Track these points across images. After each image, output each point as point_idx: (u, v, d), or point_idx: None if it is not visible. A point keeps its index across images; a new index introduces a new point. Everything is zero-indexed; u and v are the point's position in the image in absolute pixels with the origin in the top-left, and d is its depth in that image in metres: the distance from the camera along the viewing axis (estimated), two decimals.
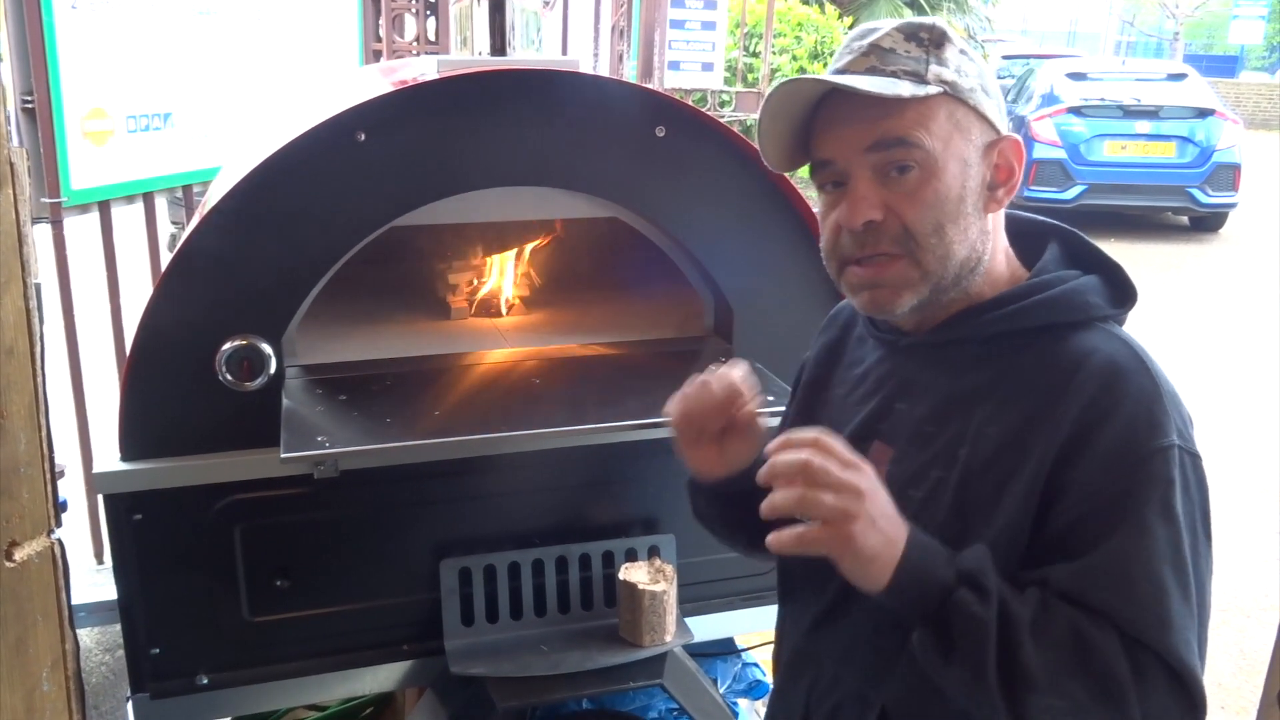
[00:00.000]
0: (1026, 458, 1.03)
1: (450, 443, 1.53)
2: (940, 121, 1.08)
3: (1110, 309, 1.10)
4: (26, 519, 0.96)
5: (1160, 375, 1.04)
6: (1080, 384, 1.03)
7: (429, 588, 1.68)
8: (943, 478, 1.10)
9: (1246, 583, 3.66)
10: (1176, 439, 1.01)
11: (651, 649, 1.66)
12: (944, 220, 1.08)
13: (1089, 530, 0.99)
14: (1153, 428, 1.00)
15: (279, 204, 1.55)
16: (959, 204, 1.09)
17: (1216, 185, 9.40)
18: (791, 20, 10.06)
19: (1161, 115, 9.46)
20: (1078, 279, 1.11)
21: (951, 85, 1.08)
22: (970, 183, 1.09)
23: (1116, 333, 1.09)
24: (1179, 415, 1.03)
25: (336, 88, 2.22)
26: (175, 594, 1.60)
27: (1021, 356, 1.09)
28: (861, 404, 1.22)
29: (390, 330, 2.06)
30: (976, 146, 1.10)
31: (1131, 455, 1.00)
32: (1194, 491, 1.02)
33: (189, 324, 1.55)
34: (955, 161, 1.08)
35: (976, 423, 1.08)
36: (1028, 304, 1.09)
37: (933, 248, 1.09)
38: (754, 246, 1.77)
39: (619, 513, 1.79)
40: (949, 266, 1.10)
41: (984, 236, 1.11)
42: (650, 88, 1.80)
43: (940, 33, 1.10)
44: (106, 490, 1.55)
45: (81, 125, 2.74)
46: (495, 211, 1.77)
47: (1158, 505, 0.98)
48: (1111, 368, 1.03)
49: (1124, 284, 1.12)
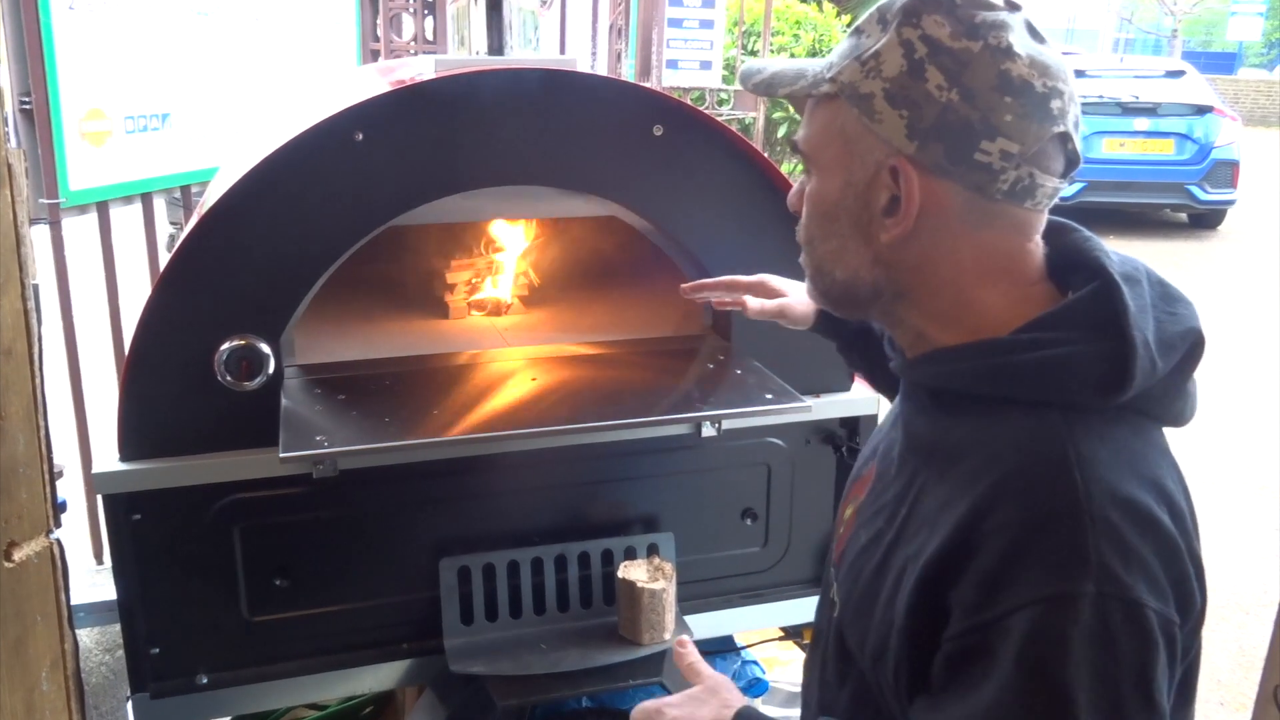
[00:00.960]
0: (925, 550, 0.90)
1: (449, 442, 1.54)
2: (826, 127, 0.97)
3: (1082, 394, 0.88)
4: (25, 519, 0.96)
5: (1096, 503, 0.83)
6: (986, 484, 0.86)
7: (428, 586, 1.68)
8: (882, 531, 1.01)
9: (1245, 579, 3.66)
10: (1091, 586, 0.80)
11: (651, 647, 1.66)
12: (814, 233, 1.01)
13: (964, 674, 0.84)
14: (1049, 568, 0.81)
15: (277, 204, 1.55)
16: (831, 223, 0.98)
17: (1215, 182, 9.40)
18: (789, 18, 10.05)
19: (1160, 112, 9.47)
20: (1062, 347, 0.89)
21: (845, 87, 0.93)
22: (848, 202, 0.96)
23: (1068, 435, 0.87)
24: (1117, 557, 0.81)
25: (334, 88, 2.22)
26: (174, 594, 1.61)
27: (964, 424, 0.94)
28: (887, 418, 1.18)
29: (389, 330, 2.06)
30: (865, 163, 0.94)
31: (1011, 597, 0.81)
32: (1124, 648, 0.80)
33: (187, 324, 1.55)
34: (834, 173, 0.97)
35: (919, 485, 0.97)
36: (981, 365, 0.92)
37: (807, 255, 1.03)
38: (752, 244, 1.77)
39: (618, 511, 1.79)
40: (826, 281, 1.02)
41: (878, 267, 0.96)
42: (648, 87, 1.80)
43: (903, 10, 0.92)
44: (105, 490, 1.55)
45: (79, 126, 2.75)
46: (493, 211, 1.77)
47: (1029, 670, 0.79)
48: (1023, 478, 0.85)
49: (1125, 366, 0.87)
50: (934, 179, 0.91)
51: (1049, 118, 0.90)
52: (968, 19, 0.90)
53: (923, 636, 0.89)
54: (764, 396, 1.63)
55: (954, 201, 0.92)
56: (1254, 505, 4.30)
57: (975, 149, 0.89)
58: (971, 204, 0.92)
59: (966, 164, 0.90)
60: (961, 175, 0.90)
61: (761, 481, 1.85)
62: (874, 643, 0.98)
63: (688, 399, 1.66)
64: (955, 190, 0.91)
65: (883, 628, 0.95)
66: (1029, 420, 0.89)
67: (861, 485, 1.13)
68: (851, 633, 1.04)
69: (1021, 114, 0.88)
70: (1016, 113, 0.88)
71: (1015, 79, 0.88)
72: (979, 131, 0.89)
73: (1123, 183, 9.46)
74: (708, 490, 1.83)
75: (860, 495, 1.12)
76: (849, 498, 1.17)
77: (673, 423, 1.70)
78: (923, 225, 0.93)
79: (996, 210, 0.92)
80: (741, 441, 1.80)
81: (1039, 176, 0.91)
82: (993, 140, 0.89)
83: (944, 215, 0.92)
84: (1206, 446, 4.81)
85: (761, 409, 1.61)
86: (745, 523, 1.86)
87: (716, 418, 1.69)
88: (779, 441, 1.82)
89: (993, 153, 0.89)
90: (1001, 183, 0.90)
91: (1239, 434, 5.04)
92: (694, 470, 1.81)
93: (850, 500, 1.16)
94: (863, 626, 1.01)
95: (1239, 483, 4.50)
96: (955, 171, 0.90)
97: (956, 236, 0.93)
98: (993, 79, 0.88)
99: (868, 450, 1.18)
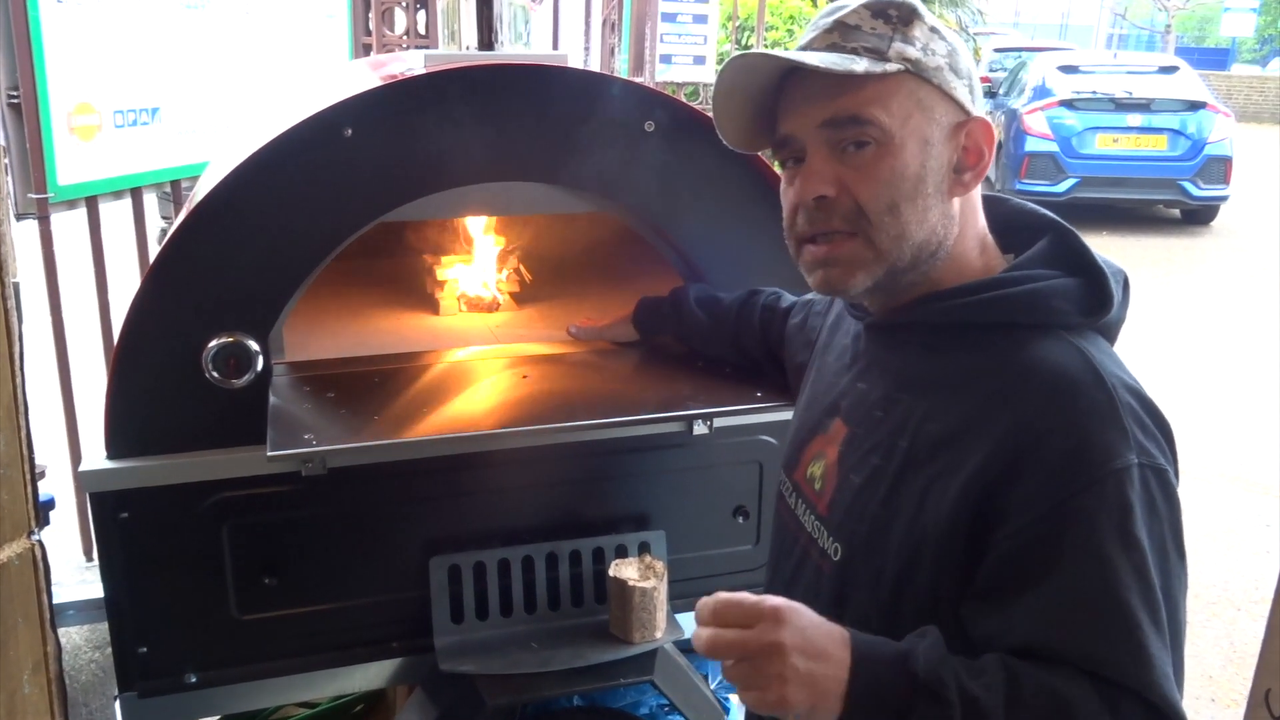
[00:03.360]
0: (960, 464, 0.99)
1: (438, 440, 1.53)
2: (900, 99, 1.05)
3: (1078, 316, 1.04)
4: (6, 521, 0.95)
5: (1118, 389, 0.97)
6: (1025, 395, 0.98)
7: (418, 585, 1.67)
8: (880, 466, 1.08)
9: (1237, 575, 3.67)
10: (1135, 457, 0.94)
11: (642, 645, 1.65)
12: (899, 199, 1.05)
13: (1039, 559, 0.94)
14: (1105, 448, 0.94)
15: (265, 200, 1.54)
16: (917, 184, 1.05)
17: (1208, 178, 9.42)
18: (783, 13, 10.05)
19: (1153, 108, 9.48)
20: (1050, 280, 1.05)
21: (914, 63, 1.04)
22: (931, 163, 1.05)
23: (1076, 343, 1.02)
24: (1141, 431, 0.96)
25: (323, 82, 2.21)
26: (162, 592, 1.59)
27: (972, 354, 1.05)
28: (838, 377, 1.23)
29: (378, 327, 2.06)
30: (942, 127, 1.06)
31: (1081, 477, 0.93)
32: (1161, 509, 0.95)
33: (175, 321, 1.54)
34: (915, 140, 1.05)
35: (918, 416, 1.06)
36: (984, 298, 1.05)
37: (886, 226, 1.06)
38: (743, 241, 1.76)
39: (609, 509, 1.79)
40: (904, 248, 1.07)
41: (947, 221, 1.08)
42: (638, 82, 1.79)
43: (909, 9, 1.06)
44: (93, 488, 1.54)
45: (69, 120, 2.72)
46: (483, 207, 1.76)
47: (1115, 533, 0.92)
48: (1061, 380, 0.98)
49: (1103, 292, 1.05)
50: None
51: None
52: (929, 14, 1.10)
53: (965, 545, 0.98)
54: (754, 394, 1.62)
55: None
56: (1244, 501, 4.31)
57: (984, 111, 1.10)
58: None
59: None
60: None
61: (753, 479, 1.85)
62: (895, 568, 1.04)
63: (679, 397, 1.66)
64: None
65: (906, 550, 1.03)
66: (1043, 340, 1.01)
67: (826, 441, 1.19)
68: (863, 571, 1.10)
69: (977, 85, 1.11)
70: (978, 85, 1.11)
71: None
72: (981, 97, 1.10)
73: (1116, 178, 9.48)
74: (699, 488, 1.82)
75: (829, 450, 1.18)
76: (806, 458, 1.23)
77: (664, 420, 1.69)
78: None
79: None
80: (733, 439, 1.79)
81: None
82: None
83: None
84: (1197, 441, 4.82)
85: (753, 406, 1.61)
86: (737, 520, 1.86)
87: (708, 415, 1.68)
88: (771, 439, 1.81)
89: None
90: None
91: (1230, 429, 5.05)
92: (685, 468, 1.80)
93: (810, 460, 1.21)
94: (879, 559, 1.07)
95: (1230, 478, 4.51)
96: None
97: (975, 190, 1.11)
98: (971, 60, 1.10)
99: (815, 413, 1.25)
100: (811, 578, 1.19)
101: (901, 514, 1.04)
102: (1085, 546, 0.92)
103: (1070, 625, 0.91)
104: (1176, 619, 0.94)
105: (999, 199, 1.17)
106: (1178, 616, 0.94)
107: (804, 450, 1.25)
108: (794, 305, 1.56)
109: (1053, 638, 0.91)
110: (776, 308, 1.59)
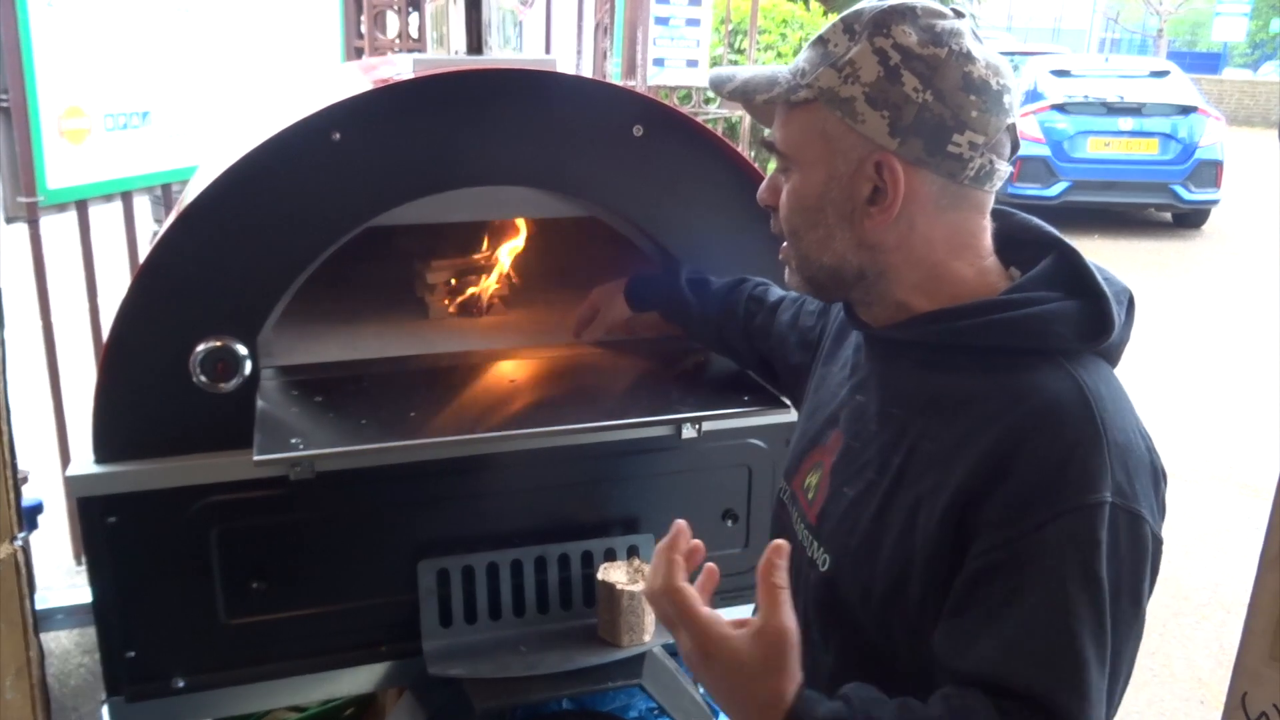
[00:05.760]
0: (946, 483, 0.99)
1: (427, 444, 1.53)
2: (804, 127, 1.07)
3: (1078, 342, 1.02)
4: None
5: (1110, 425, 0.96)
6: (1013, 419, 0.97)
7: (407, 589, 1.67)
8: (874, 481, 1.09)
9: (1228, 578, 3.68)
10: (1110, 496, 0.93)
11: (630, 649, 1.65)
12: (797, 225, 1.11)
13: (1000, 588, 0.93)
14: (1081, 482, 0.93)
15: (254, 203, 1.54)
16: (816, 214, 1.08)
17: (1199, 182, 9.46)
18: (776, 17, 10.04)
19: (1145, 112, 9.51)
20: (1050, 304, 1.03)
21: (824, 91, 1.04)
22: (833, 194, 1.06)
23: (1075, 372, 1.00)
24: (1122, 471, 0.95)
25: (313, 86, 2.21)
26: (150, 597, 1.59)
27: (970, 376, 1.04)
28: (839, 388, 1.24)
29: (367, 330, 2.05)
30: (848, 159, 1.05)
31: (1053, 507, 0.92)
32: (1124, 552, 0.93)
33: (162, 325, 1.54)
34: (815, 169, 1.07)
35: (914, 434, 1.06)
36: (984, 321, 1.03)
37: (795, 245, 1.13)
38: (732, 245, 1.77)
39: (598, 513, 1.79)
40: (813, 268, 1.12)
41: (862, 251, 1.08)
42: (627, 87, 1.80)
43: (875, 24, 1.03)
44: (80, 493, 1.54)
45: (58, 123, 2.72)
46: (473, 211, 1.76)
47: (1077, 570, 0.91)
48: (1051, 409, 0.97)
49: (1104, 316, 1.02)
50: (913, 170, 1.03)
51: (1003, 111, 1.04)
52: (930, 28, 1.02)
53: (950, 561, 0.98)
54: (743, 398, 1.62)
55: (930, 189, 1.04)
56: (1235, 504, 4.32)
57: (948, 142, 1.02)
58: (944, 190, 1.05)
59: (941, 155, 1.02)
60: (936, 165, 1.03)
61: (742, 483, 1.85)
62: (884, 584, 1.05)
63: (668, 400, 1.66)
64: (931, 179, 1.04)
65: (895, 566, 1.03)
66: (1041, 367, 1.00)
67: (824, 452, 1.20)
68: (850, 583, 1.10)
69: (983, 109, 1.02)
70: (980, 109, 1.02)
71: (976, 79, 1.02)
72: (951, 127, 1.02)
73: (1107, 182, 9.51)
74: (688, 491, 1.82)
75: (825, 460, 1.19)
76: (805, 467, 1.23)
77: (653, 424, 1.69)
78: (903, 210, 1.05)
79: (963, 194, 1.06)
80: (722, 443, 1.80)
81: (997, 162, 1.05)
82: (962, 134, 1.02)
83: (921, 201, 1.05)
84: (1188, 444, 4.84)
85: (742, 410, 1.61)
86: (726, 524, 1.86)
87: (697, 419, 1.68)
88: (760, 443, 1.82)
89: (962, 144, 1.02)
90: (969, 170, 1.03)
91: (1221, 432, 5.07)
92: (674, 471, 1.80)
93: (809, 469, 1.22)
94: (866, 573, 1.07)
95: (1221, 481, 4.53)
96: (931, 163, 1.03)
97: (931, 218, 1.06)
98: (959, 80, 1.01)
99: (816, 423, 1.25)
100: (800, 585, 1.19)
101: (891, 530, 1.05)
102: (1047, 582, 0.92)
103: (1020, 659, 0.91)
104: (1119, 663, 0.94)
105: (1004, 212, 1.15)
106: (1120, 661, 0.94)
107: (804, 460, 1.26)
108: (783, 300, 1.56)
109: (1001, 672, 0.91)
110: (764, 300, 1.59)
